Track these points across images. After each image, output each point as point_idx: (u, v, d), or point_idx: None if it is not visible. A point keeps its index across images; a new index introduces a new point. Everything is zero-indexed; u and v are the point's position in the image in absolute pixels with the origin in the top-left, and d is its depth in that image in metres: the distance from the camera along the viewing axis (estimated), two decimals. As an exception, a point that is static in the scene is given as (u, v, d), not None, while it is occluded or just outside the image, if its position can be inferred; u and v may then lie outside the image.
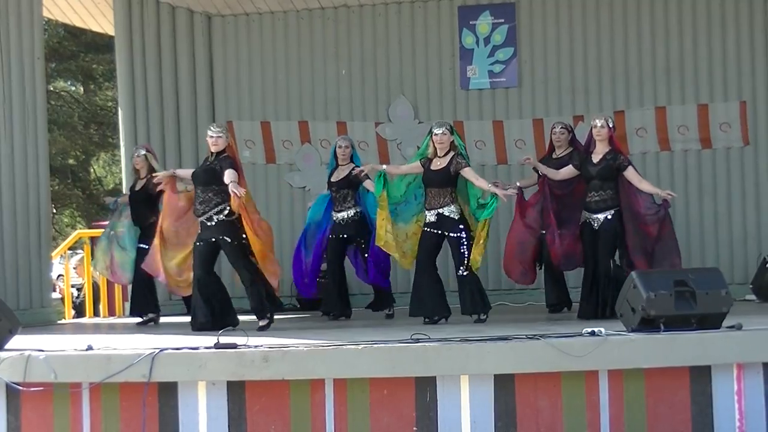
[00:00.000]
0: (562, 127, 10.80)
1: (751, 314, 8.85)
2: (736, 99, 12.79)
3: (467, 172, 9.70)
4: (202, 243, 9.66)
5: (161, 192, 10.46)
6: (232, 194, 9.27)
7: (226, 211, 9.56)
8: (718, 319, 7.46)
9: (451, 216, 9.64)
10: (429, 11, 13.42)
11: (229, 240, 9.57)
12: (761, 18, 12.75)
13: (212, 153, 9.68)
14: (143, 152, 11.27)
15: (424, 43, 13.44)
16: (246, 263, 9.62)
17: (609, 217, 9.66)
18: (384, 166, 10.14)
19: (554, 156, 10.72)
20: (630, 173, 9.72)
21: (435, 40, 13.41)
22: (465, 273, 9.60)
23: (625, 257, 9.69)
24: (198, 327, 9.55)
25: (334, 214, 10.82)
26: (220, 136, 9.62)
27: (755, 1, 12.76)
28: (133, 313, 11.39)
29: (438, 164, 9.74)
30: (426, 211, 9.75)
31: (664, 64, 12.95)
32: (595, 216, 9.72)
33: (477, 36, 13.24)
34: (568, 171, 10.03)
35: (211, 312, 9.60)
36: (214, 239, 9.61)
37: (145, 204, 11.08)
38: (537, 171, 10.49)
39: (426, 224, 9.73)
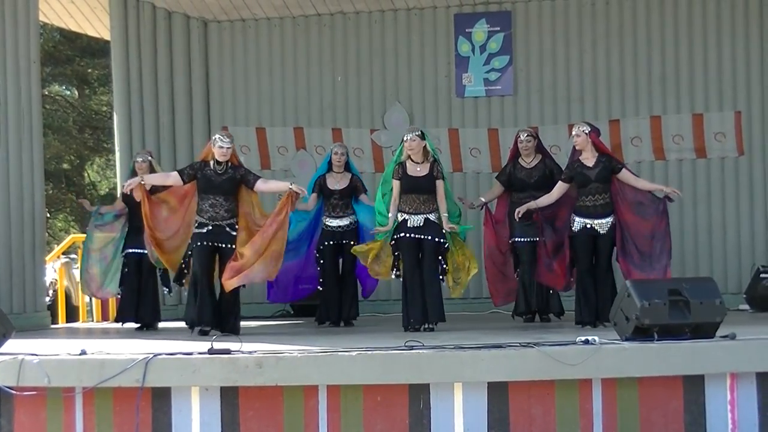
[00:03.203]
0: (528, 135, 10.70)
1: (745, 324, 8.86)
2: (731, 109, 12.83)
3: (439, 186, 9.71)
4: (207, 245, 9.68)
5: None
6: (292, 194, 9.53)
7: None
8: (712, 328, 7.47)
9: (437, 222, 9.68)
10: (425, 19, 13.45)
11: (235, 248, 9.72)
12: (757, 28, 12.79)
13: (218, 162, 9.68)
14: (149, 158, 11.25)
15: (419, 51, 13.47)
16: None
17: (613, 221, 9.63)
18: (391, 216, 9.77)
19: (523, 165, 10.66)
20: (625, 174, 9.72)
21: (431, 48, 13.44)
22: (443, 280, 9.70)
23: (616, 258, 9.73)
24: (200, 324, 9.62)
25: (329, 220, 10.79)
26: (230, 147, 9.68)
27: (751, 12, 12.80)
28: (120, 320, 11.40)
29: (418, 170, 9.70)
30: (408, 216, 9.68)
31: (659, 73, 12.99)
32: (599, 221, 9.66)
33: (473, 44, 13.27)
34: (560, 189, 9.91)
35: (219, 312, 9.70)
36: (225, 245, 9.68)
37: None
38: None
39: (406, 229, 9.67)
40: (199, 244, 9.69)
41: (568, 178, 9.80)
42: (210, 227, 9.66)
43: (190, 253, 9.79)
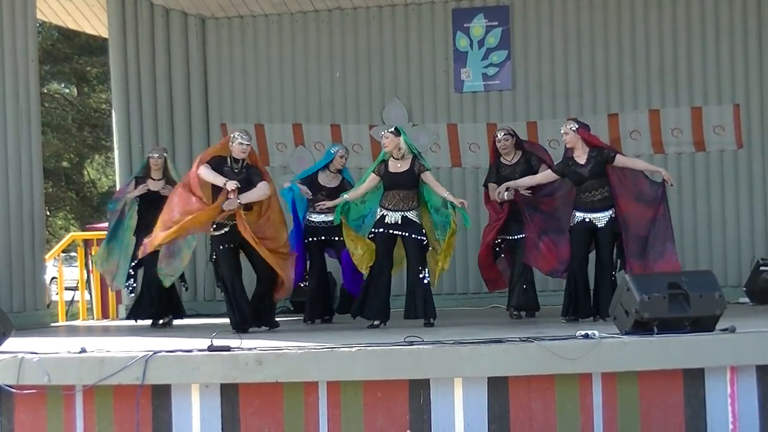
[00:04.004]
0: (505, 134, 10.55)
1: (745, 317, 8.85)
2: (729, 102, 12.81)
3: (427, 176, 9.76)
4: (230, 246, 9.62)
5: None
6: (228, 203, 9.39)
7: None
8: (712, 321, 7.47)
9: (416, 220, 9.73)
10: (423, 14, 13.42)
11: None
12: (755, 21, 12.77)
13: (235, 159, 9.65)
14: (164, 154, 11.22)
15: (418, 46, 13.45)
16: (268, 269, 9.71)
17: (612, 215, 9.65)
18: (345, 196, 10.11)
19: (505, 163, 10.54)
20: (620, 160, 9.77)
21: (429, 43, 13.41)
22: (428, 277, 9.69)
23: (620, 256, 9.73)
24: (244, 327, 9.49)
25: (314, 215, 10.76)
26: (249, 144, 9.64)
27: (749, 5, 12.77)
28: (137, 317, 11.33)
29: (398, 166, 9.75)
30: (386, 212, 9.74)
31: (657, 66, 12.97)
32: (597, 215, 9.69)
33: (471, 39, 13.25)
34: (545, 176, 9.98)
35: (255, 310, 9.68)
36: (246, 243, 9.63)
37: (159, 205, 11.01)
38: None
39: (384, 225, 9.71)
40: (222, 247, 9.65)
41: (560, 172, 9.85)
42: (228, 227, 9.60)
43: (214, 255, 9.76)
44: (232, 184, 9.41)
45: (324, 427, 7.21)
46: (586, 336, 7.26)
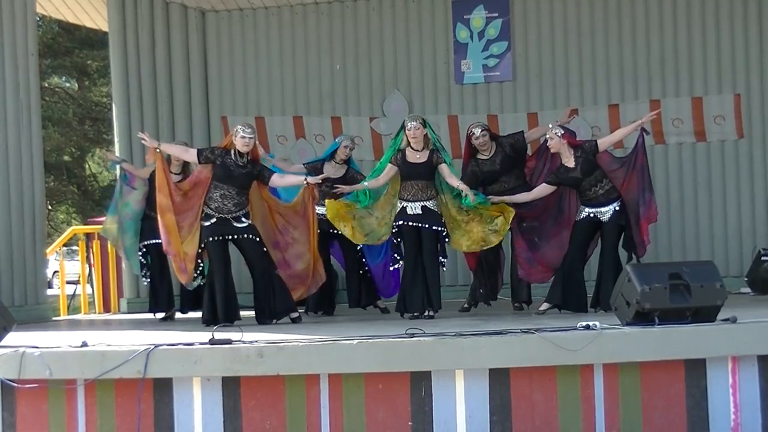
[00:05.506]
0: (483, 130, 10.34)
1: (746, 307, 8.85)
2: (730, 92, 12.80)
3: (443, 169, 9.76)
4: (220, 239, 9.58)
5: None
6: (310, 187, 9.82)
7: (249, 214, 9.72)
8: (713, 312, 7.47)
9: (435, 209, 9.73)
10: (423, 6, 13.41)
11: (258, 240, 9.63)
12: (755, 11, 12.75)
13: (239, 153, 9.62)
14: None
15: (418, 38, 13.44)
16: (268, 261, 9.72)
17: (617, 207, 9.66)
18: (365, 183, 10.03)
19: (483, 158, 10.38)
20: (603, 144, 9.83)
21: (429, 35, 13.40)
22: (444, 267, 9.78)
23: (627, 246, 9.75)
24: (228, 320, 9.41)
25: (318, 208, 10.68)
26: (252, 137, 9.60)
27: (749, -6, 12.79)
28: (155, 310, 11.35)
29: (417, 157, 9.76)
30: (406, 203, 9.74)
31: (658, 56, 12.96)
32: (602, 209, 9.69)
33: (471, 30, 13.24)
34: (541, 190, 9.96)
35: (234, 306, 9.63)
36: (236, 236, 9.59)
37: None
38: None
39: (405, 217, 9.72)
40: (211, 239, 9.58)
41: (554, 182, 9.85)
42: (215, 219, 9.57)
43: (203, 246, 9.64)
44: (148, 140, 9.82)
45: (325, 420, 7.21)
46: (588, 327, 7.26)
